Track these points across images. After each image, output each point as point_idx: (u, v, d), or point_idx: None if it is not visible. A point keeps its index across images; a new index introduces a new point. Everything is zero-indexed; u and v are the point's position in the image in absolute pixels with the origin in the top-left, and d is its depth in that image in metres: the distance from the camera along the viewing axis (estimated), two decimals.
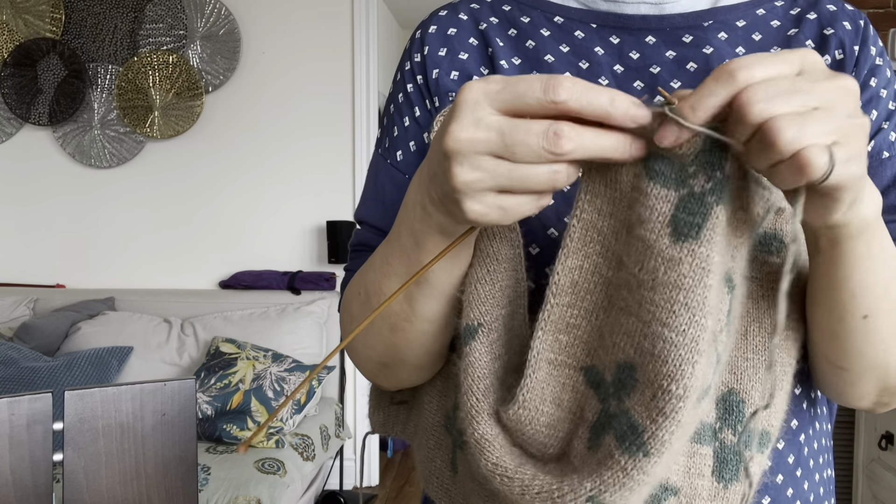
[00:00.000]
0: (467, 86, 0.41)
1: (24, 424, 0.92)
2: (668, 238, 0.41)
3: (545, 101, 0.39)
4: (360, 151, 3.28)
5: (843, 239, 0.46)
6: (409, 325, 0.55)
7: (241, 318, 3.00)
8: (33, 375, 2.56)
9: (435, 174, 0.45)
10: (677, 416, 0.41)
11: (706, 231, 0.41)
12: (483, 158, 0.41)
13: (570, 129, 0.39)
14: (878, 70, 0.61)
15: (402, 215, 0.52)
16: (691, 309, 0.41)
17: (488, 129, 0.40)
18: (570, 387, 0.48)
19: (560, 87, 0.39)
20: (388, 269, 0.54)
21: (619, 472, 0.43)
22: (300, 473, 2.47)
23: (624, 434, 0.43)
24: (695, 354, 0.41)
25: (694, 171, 0.41)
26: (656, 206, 0.42)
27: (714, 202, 0.41)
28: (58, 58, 3.32)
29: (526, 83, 0.40)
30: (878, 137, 0.60)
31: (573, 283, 0.47)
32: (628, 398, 0.44)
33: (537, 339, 0.47)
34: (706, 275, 0.41)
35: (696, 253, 0.41)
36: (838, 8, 0.63)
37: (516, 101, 0.40)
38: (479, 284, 0.51)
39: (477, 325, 0.51)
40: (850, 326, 0.51)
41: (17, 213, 3.43)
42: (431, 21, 0.67)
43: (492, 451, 0.48)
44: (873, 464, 2.33)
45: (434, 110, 0.64)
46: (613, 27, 0.63)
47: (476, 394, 0.49)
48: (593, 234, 0.46)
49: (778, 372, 0.52)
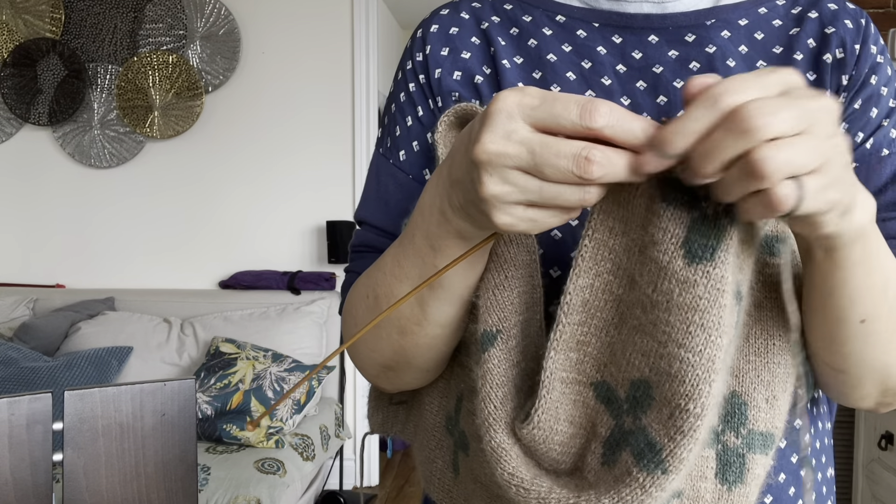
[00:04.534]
0: (502, 95, 0.41)
1: (23, 424, 0.92)
2: (681, 260, 0.41)
3: (580, 126, 0.39)
4: (359, 151, 3.28)
5: (838, 247, 0.46)
6: (420, 329, 0.55)
7: (241, 318, 3.00)
8: (33, 375, 2.56)
9: (459, 181, 0.44)
10: (695, 435, 0.41)
11: (720, 253, 0.41)
12: (512, 173, 0.40)
13: (601, 155, 0.39)
14: (878, 68, 0.61)
15: (416, 218, 0.51)
16: (707, 329, 0.41)
17: (519, 144, 0.40)
18: (581, 403, 0.48)
19: (597, 112, 0.39)
20: (400, 272, 0.53)
21: (638, 489, 0.43)
22: (300, 473, 2.47)
23: (642, 452, 0.43)
24: (712, 374, 0.41)
25: (705, 194, 0.41)
26: (669, 228, 0.42)
27: (728, 223, 0.41)
28: (57, 58, 3.31)
29: (562, 104, 0.39)
30: (878, 134, 0.60)
31: (584, 301, 0.47)
32: (645, 415, 0.44)
33: (550, 360, 0.47)
34: (721, 295, 0.41)
35: (711, 275, 0.41)
36: (839, 7, 0.63)
37: (551, 119, 0.40)
38: (498, 290, 0.50)
39: (496, 332, 0.50)
40: (847, 331, 0.51)
41: (16, 213, 3.43)
42: (433, 20, 0.67)
43: (508, 461, 0.48)
44: (873, 464, 2.33)
45: (437, 110, 0.64)
46: (616, 26, 0.63)
47: (494, 401, 0.49)
48: (605, 252, 0.46)
49: (781, 373, 0.52)
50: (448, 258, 0.49)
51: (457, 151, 0.46)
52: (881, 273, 0.49)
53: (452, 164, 0.46)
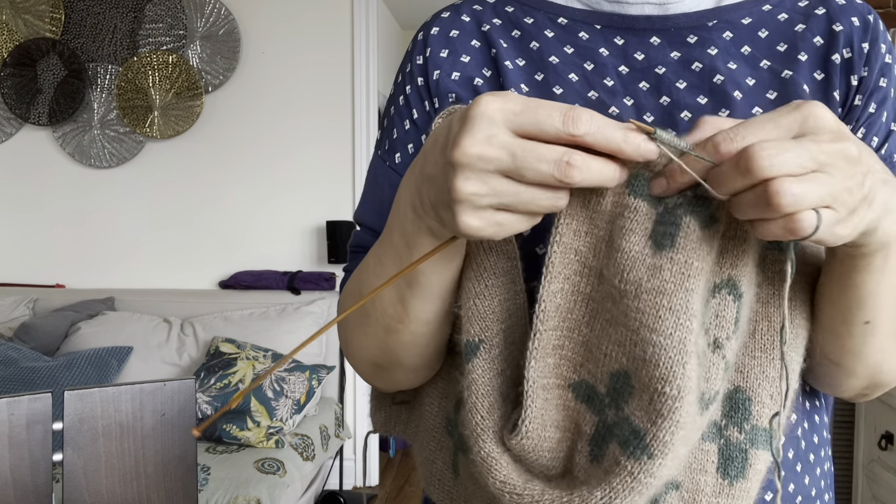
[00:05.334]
0: (483, 99, 0.41)
1: (23, 424, 0.92)
2: (649, 248, 0.44)
3: (563, 132, 0.40)
4: (359, 151, 3.28)
5: (860, 255, 0.47)
6: (403, 327, 0.55)
7: (241, 318, 3.00)
8: (33, 375, 2.56)
9: (433, 178, 0.45)
10: (675, 417, 0.42)
11: (679, 239, 0.44)
12: (490, 176, 0.41)
13: (581, 160, 0.41)
14: (888, 69, 0.61)
15: (393, 216, 0.52)
16: (675, 312, 0.43)
17: (500, 148, 0.41)
18: (563, 406, 0.49)
19: (579, 120, 0.40)
20: (381, 269, 0.54)
21: (627, 476, 0.44)
22: (300, 473, 2.47)
23: (627, 440, 0.44)
24: (683, 356, 0.42)
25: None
26: (639, 220, 0.45)
27: (682, 214, 0.44)
28: (57, 58, 3.31)
29: (546, 111, 0.41)
30: (892, 140, 0.61)
31: (557, 306, 0.48)
32: (627, 405, 0.45)
33: (531, 369, 0.48)
34: (686, 279, 0.43)
35: (675, 259, 0.44)
36: (847, 2, 0.62)
37: (533, 126, 0.41)
38: (478, 299, 0.51)
39: (478, 342, 0.51)
40: (851, 329, 0.52)
41: (16, 212, 3.42)
42: (434, 23, 0.67)
43: (499, 469, 0.48)
44: (873, 464, 2.33)
45: (434, 111, 0.64)
46: (618, 28, 0.63)
47: (481, 411, 0.50)
48: (571, 255, 0.47)
49: (789, 371, 0.52)
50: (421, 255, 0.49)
51: (431, 150, 0.46)
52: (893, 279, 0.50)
53: (426, 162, 0.46)
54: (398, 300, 0.54)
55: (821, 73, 0.60)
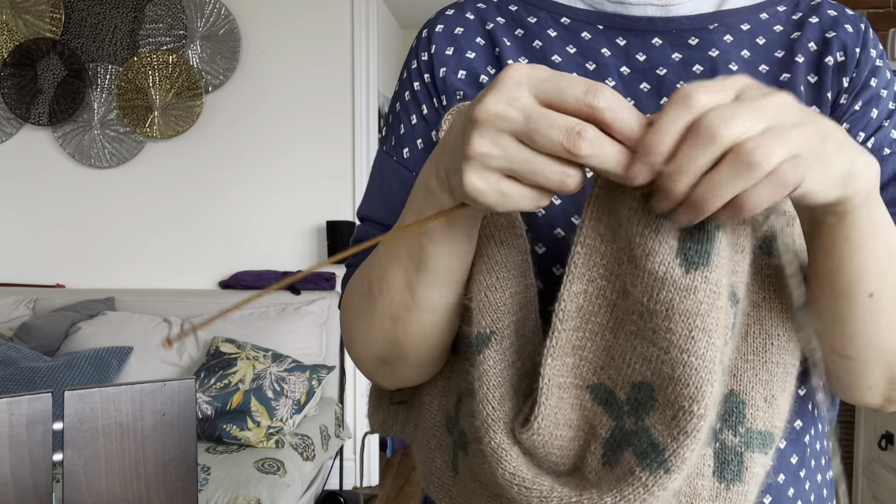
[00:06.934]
0: (514, 66, 0.42)
1: (23, 424, 0.92)
2: (679, 269, 0.43)
3: (582, 102, 0.40)
4: (359, 151, 3.28)
5: (847, 211, 0.46)
6: (410, 315, 0.55)
7: (241, 318, 3.00)
8: (33, 375, 2.56)
9: (452, 145, 0.45)
10: (698, 435, 0.42)
11: (714, 257, 0.42)
12: (504, 137, 0.41)
13: (593, 134, 0.40)
14: (878, 71, 0.62)
15: (407, 203, 0.52)
16: (708, 332, 0.42)
17: (519, 110, 0.41)
18: (579, 406, 0.49)
19: (601, 93, 0.40)
20: (391, 253, 0.54)
21: (640, 487, 0.44)
22: (300, 473, 2.47)
23: (645, 451, 0.44)
24: (713, 375, 0.42)
25: None
26: (663, 239, 0.43)
27: (714, 227, 0.43)
28: (57, 58, 3.31)
29: (569, 80, 0.41)
30: (879, 135, 0.62)
31: (578, 307, 0.47)
32: (648, 416, 0.45)
33: (547, 366, 0.48)
34: (718, 297, 0.43)
35: (710, 279, 0.42)
36: (839, 13, 0.64)
37: (555, 93, 0.41)
38: (489, 291, 0.51)
39: (489, 333, 0.51)
40: (857, 309, 0.51)
41: (16, 212, 3.43)
42: (438, 20, 0.68)
43: (509, 461, 0.48)
44: (873, 464, 2.33)
45: (442, 108, 0.64)
46: (620, 28, 0.63)
47: (492, 402, 0.50)
48: (596, 258, 0.47)
49: (780, 373, 0.52)
50: (434, 240, 0.49)
51: (456, 121, 0.46)
52: (886, 239, 0.49)
53: (451, 131, 0.47)
54: (406, 286, 0.54)
55: (814, 75, 0.62)
